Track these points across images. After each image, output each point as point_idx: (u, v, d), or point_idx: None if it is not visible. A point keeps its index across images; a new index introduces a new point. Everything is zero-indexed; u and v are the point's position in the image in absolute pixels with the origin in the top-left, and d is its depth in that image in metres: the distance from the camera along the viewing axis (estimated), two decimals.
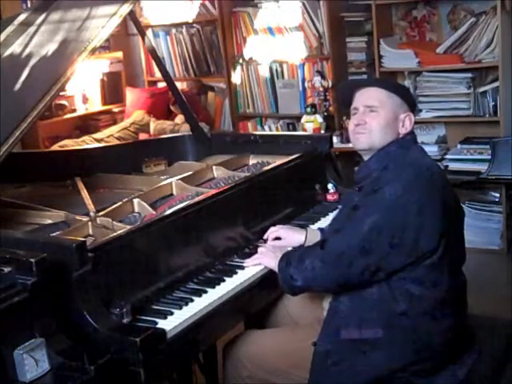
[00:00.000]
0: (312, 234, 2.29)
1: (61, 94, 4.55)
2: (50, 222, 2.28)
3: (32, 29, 2.57)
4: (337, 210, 2.56)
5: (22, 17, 2.65)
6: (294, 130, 4.95)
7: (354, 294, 1.90)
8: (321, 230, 2.34)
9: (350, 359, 1.90)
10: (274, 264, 2.05)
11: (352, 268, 1.84)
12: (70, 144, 4.61)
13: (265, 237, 2.31)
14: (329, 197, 2.75)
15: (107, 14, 2.39)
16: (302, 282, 1.94)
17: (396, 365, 1.87)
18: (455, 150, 4.35)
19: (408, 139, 2.03)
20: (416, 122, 4.67)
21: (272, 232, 2.31)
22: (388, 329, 1.86)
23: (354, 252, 1.84)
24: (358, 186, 2.03)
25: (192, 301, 1.94)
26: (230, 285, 2.04)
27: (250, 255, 2.25)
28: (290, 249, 2.23)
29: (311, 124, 4.55)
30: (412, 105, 2.08)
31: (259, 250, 2.19)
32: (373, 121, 2.00)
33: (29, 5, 4.81)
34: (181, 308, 1.89)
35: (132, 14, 2.81)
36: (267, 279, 2.14)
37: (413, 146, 2.03)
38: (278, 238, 2.29)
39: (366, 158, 2.05)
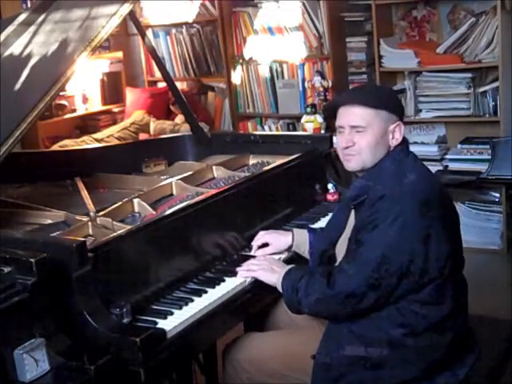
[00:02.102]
0: (299, 234, 2.27)
1: (61, 93, 4.56)
2: (49, 222, 2.28)
3: (32, 29, 2.57)
4: None
5: (22, 17, 2.65)
6: (294, 130, 4.95)
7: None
8: (308, 229, 2.32)
9: (354, 374, 1.89)
10: (274, 280, 2.02)
11: (362, 303, 1.83)
12: (70, 144, 4.61)
13: (253, 250, 2.26)
14: (329, 197, 2.75)
15: (107, 14, 2.39)
16: (309, 311, 1.96)
17: (402, 380, 1.87)
18: (455, 150, 4.35)
19: (400, 150, 1.95)
20: (416, 122, 4.72)
21: (258, 239, 2.27)
22: (394, 348, 1.85)
23: (363, 289, 1.82)
24: (353, 204, 1.97)
25: (192, 301, 1.94)
26: (230, 285, 2.04)
27: (249, 257, 2.25)
28: (282, 256, 2.22)
29: (311, 124, 4.54)
30: (400, 113, 1.99)
31: (251, 262, 2.14)
32: (361, 141, 1.92)
33: (29, 5, 4.82)
34: (181, 308, 1.89)
35: (132, 14, 2.81)
36: None
37: (406, 159, 1.95)
38: (264, 245, 2.26)
39: (360, 174, 2.01)
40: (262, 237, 2.28)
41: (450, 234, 1.87)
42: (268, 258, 2.18)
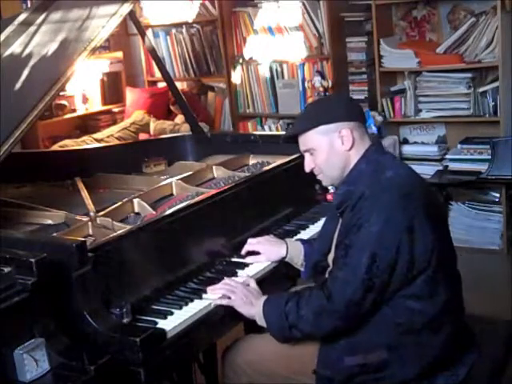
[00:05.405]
0: (293, 246, 2.24)
1: (61, 93, 4.56)
2: (50, 222, 2.28)
3: (32, 29, 2.57)
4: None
5: (22, 17, 2.65)
6: None
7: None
8: (301, 240, 2.29)
9: (355, 380, 1.89)
10: (253, 313, 1.96)
11: (362, 308, 1.83)
12: (70, 144, 4.61)
13: (243, 252, 2.24)
14: (329, 197, 2.74)
15: (107, 14, 2.40)
16: (307, 331, 1.90)
17: (403, 379, 1.87)
18: (455, 150, 4.35)
19: (374, 151, 1.97)
20: (416, 122, 4.71)
21: (249, 246, 2.24)
22: (392, 349, 1.85)
23: (360, 294, 1.81)
24: (339, 212, 1.97)
25: (192, 301, 1.94)
26: None
27: (250, 254, 2.25)
28: (253, 285, 2.04)
29: None
30: (342, 116, 1.96)
31: (224, 286, 2.01)
32: (316, 161, 1.99)
33: (29, 5, 4.82)
34: (181, 308, 1.90)
35: (132, 14, 2.81)
36: (267, 279, 2.14)
37: (382, 158, 1.96)
38: (256, 253, 2.23)
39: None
40: (253, 245, 2.25)
41: (434, 226, 1.86)
42: (246, 289, 2.02)
